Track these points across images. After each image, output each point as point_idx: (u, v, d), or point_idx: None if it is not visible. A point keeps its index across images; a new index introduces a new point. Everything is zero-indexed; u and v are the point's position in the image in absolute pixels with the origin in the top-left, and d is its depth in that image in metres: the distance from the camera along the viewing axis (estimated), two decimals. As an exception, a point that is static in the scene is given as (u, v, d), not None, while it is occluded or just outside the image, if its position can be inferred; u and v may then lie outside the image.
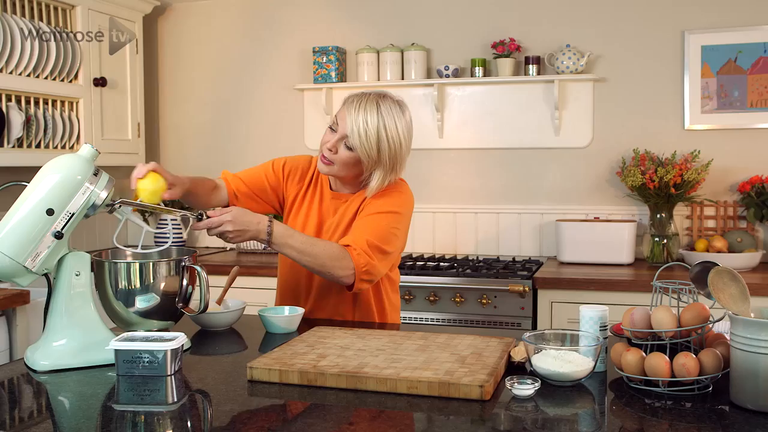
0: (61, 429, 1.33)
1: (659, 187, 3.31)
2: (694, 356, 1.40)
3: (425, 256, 3.70)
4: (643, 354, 1.44)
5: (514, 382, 1.42)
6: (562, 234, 3.48)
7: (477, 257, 3.70)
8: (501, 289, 3.12)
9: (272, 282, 3.35)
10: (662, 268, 1.56)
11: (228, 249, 4.11)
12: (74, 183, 1.63)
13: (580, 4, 3.66)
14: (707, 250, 3.28)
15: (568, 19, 3.67)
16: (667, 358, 1.41)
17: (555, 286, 3.11)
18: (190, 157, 4.30)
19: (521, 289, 3.08)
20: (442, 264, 3.45)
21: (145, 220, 4.08)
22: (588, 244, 3.41)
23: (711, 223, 3.52)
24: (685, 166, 3.31)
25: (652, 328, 1.45)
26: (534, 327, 3.09)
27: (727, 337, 1.45)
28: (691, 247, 3.40)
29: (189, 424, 1.35)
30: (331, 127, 2.04)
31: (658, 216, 3.41)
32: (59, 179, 1.62)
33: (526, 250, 3.77)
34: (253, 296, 3.15)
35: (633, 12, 3.59)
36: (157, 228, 4.10)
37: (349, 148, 1.99)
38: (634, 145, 3.55)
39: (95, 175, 1.66)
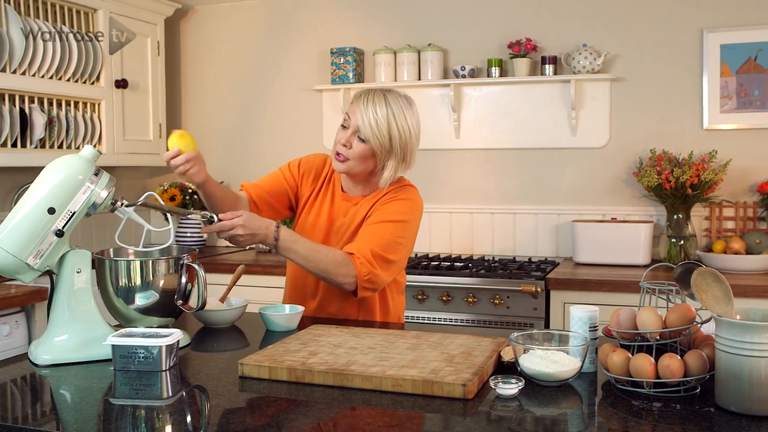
0: (56, 421, 1.37)
1: (676, 187, 3.28)
2: (679, 358, 1.39)
3: (441, 257, 3.71)
4: (629, 355, 1.44)
5: (498, 382, 1.42)
6: (577, 234, 3.46)
7: (493, 257, 3.69)
8: (513, 289, 3.11)
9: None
10: (650, 268, 1.55)
11: (247, 248, 4.16)
12: (75, 182, 1.67)
13: (597, 3, 3.64)
14: (725, 252, 3.24)
15: (584, 18, 3.65)
16: (652, 360, 1.40)
17: (568, 287, 3.09)
18: (210, 156, 4.32)
19: (534, 289, 3.07)
20: (456, 264, 3.46)
21: (166, 219, 4.15)
22: (604, 245, 3.39)
23: (730, 224, 3.47)
24: (702, 166, 3.26)
25: (638, 329, 1.45)
26: (546, 328, 3.08)
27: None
28: (709, 249, 3.36)
29: (174, 418, 1.38)
30: (342, 125, 2.08)
31: (675, 217, 3.37)
32: (61, 179, 1.67)
33: (543, 251, 3.76)
34: (269, 295, 3.20)
35: (651, 11, 3.56)
36: (178, 227, 4.17)
37: (363, 141, 2.03)
38: (652, 145, 3.51)
39: (96, 174, 1.71)
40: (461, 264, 3.46)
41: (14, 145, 3.19)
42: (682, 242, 3.35)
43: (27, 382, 1.62)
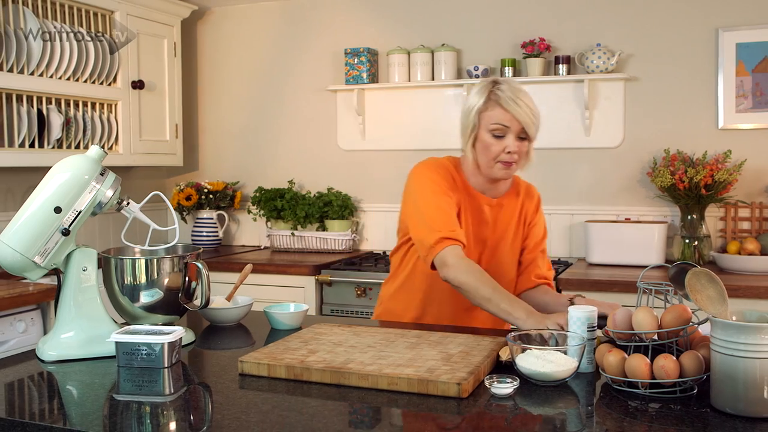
0: (61, 416, 1.40)
1: (689, 187, 3.25)
2: (674, 358, 1.39)
3: (453, 256, 3.71)
4: (625, 355, 1.43)
5: (493, 381, 1.43)
6: (591, 235, 3.44)
7: (505, 258, 3.68)
8: (524, 289, 3.10)
9: (300, 280, 3.44)
10: (647, 268, 1.54)
11: (262, 247, 4.19)
12: (81, 182, 1.71)
13: (611, 2, 3.61)
14: (739, 253, 3.21)
15: (598, 18, 3.63)
16: (648, 360, 1.40)
17: (579, 288, 3.07)
18: (226, 156, 4.41)
19: (544, 289, 3.05)
20: (468, 264, 3.45)
21: (183, 219, 4.20)
22: (617, 246, 3.37)
23: (745, 225, 3.43)
24: (716, 166, 3.23)
25: (634, 330, 1.45)
26: (557, 328, 3.07)
27: (713, 339, 1.43)
28: (724, 249, 3.33)
29: (175, 415, 1.40)
30: (496, 135, 1.99)
31: (689, 217, 3.34)
32: (67, 178, 1.70)
33: (556, 251, 3.75)
34: (281, 294, 3.23)
35: (665, 10, 3.53)
36: (194, 227, 4.22)
37: (524, 139, 2.02)
38: (666, 145, 3.49)
39: (102, 174, 1.74)
40: (473, 264, 3.45)
41: (32, 145, 3.25)
42: (696, 243, 3.32)
43: (35, 379, 1.65)
